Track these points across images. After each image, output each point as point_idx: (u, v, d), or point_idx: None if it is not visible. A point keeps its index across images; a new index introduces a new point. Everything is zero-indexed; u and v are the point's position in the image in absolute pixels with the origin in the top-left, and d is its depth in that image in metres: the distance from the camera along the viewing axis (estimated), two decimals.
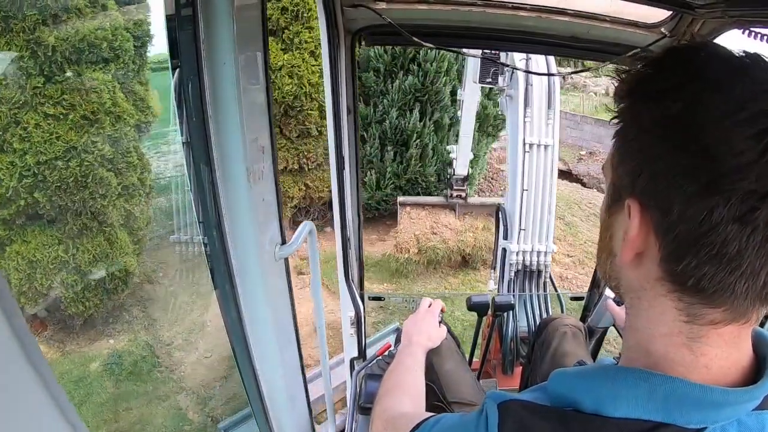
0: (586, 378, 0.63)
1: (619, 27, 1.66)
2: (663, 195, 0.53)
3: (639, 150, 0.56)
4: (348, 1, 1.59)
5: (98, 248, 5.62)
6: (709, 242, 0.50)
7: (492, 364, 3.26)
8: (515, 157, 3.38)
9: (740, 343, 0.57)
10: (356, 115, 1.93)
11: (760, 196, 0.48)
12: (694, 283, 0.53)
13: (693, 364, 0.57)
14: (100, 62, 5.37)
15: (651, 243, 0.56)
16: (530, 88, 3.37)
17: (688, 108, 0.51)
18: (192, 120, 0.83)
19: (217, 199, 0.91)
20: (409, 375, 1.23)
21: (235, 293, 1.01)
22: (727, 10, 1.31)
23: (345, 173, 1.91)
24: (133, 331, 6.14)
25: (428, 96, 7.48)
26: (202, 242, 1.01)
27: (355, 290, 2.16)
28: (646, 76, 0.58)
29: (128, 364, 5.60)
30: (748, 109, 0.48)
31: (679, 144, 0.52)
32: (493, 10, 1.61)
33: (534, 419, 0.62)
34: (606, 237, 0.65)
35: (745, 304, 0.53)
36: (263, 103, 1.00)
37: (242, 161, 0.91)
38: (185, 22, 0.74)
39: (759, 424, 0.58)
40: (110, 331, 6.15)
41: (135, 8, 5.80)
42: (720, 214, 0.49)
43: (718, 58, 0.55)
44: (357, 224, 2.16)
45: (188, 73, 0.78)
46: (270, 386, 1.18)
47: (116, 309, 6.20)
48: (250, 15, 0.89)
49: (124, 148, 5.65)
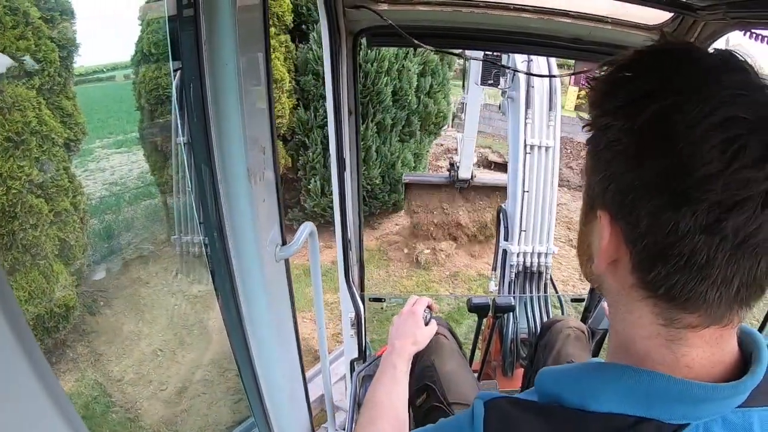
0: (571, 374, 0.64)
1: (620, 29, 1.66)
2: (630, 207, 0.53)
3: (607, 161, 0.56)
4: (350, 3, 1.59)
5: (33, 284, 5.00)
6: (676, 252, 0.51)
7: (492, 365, 3.26)
8: (516, 159, 3.39)
9: (723, 343, 0.58)
10: (357, 116, 1.94)
11: (727, 207, 0.48)
12: (666, 291, 0.54)
13: (675, 363, 0.57)
14: (23, 76, 4.88)
15: (622, 252, 0.57)
16: (531, 89, 3.39)
17: (656, 119, 0.51)
18: (193, 121, 0.82)
19: (217, 199, 0.91)
20: (387, 398, 1.20)
21: (235, 294, 1.01)
22: (729, 11, 1.31)
23: (346, 175, 1.91)
24: (80, 369, 5.60)
25: (369, 97, 7.38)
26: (202, 243, 1.01)
27: (356, 291, 2.16)
28: (615, 83, 0.57)
29: (79, 407, 5.04)
30: (716, 116, 0.48)
31: (645, 156, 0.52)
32: (495, 11, 1.62)
33: (518, 414, 0.63)
34: (584, 244, 0.66)
35: (721, 310, 0.53)
36: (264, 104, 1.00)
37: (243, 162, 0.91)
38: (187, 23, 0.74)
39: (744, 421, 0.58)
40: (55, 371, 5.39)
41: (59, 14, 5.29)
42: (686, 225, 0.49)
43: (687, 62, 0.54)
44: (358, 226, 2.17)
45: (190, 74, 0.78)
46: (270, 387, 1.18)
47: (58, 347, 5.65)
48: (252, 16, 0.89)
49: (54, 171, 5.15)
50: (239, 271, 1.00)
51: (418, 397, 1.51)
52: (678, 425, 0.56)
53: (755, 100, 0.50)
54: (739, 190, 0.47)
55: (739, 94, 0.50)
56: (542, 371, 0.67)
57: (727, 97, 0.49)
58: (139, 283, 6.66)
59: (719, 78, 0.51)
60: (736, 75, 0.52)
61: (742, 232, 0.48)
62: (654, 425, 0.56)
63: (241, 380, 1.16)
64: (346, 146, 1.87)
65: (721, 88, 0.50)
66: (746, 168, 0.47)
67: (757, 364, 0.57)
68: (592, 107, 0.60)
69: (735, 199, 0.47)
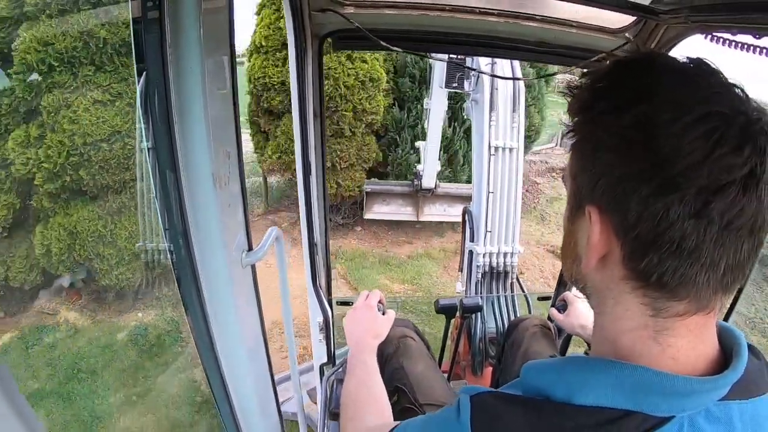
0: (557, 368, 0.65)
1: (585, 32, 1.69)
2: (621, 199, 0.56)
3: (596, 160, 0.59)
4: (316, 6, 1.58)
5: (134, 226, 6.12)
6: (668, 239, 0.53)
7: (462, 365, 3.29)
8: (480, 161, 3.44)
9: (705, 334, 0.60)
10: (323, 120, 1.92)
11: (712, 191, 0.51)
12: (657, 278, 0.56)
13: (660, 356, 0.59)
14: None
15: (613, 245, 0.59)
16: (495, 92, 3.43)
17: (641, 120, 0.54)
18: (157, 125, 0.81)
19: (182, 205, 0.89)
20: (364, 388, 1.20)
21: (201, 302, 0.98)
22: (690, 15, 1.35)
23: (311, 178, 1.90)
24: (161, 307, 6.54)
25: (460, 103, 7.54)
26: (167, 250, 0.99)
27: (323, 295, 2.14)
28: (600, 91, 0.61)
29: (152, 337, 6.08)
30: (696, 112, 0.52)
31: (633, 152, 0.55)
32: (461, 15, 1.63)
33: (506, 408, 0.63)
34: (570, 243, 0.68)
35: (708, 294, 0.56)
36: (230, 108, 0.99)
37: (208, 167, 0.89)
38: (151, 25, 0.73)
39: (725, 414, 0.60)
40: (139, 305, 6.55)
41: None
42: (676, 211, 0.52)
43: (666, 69, 0.58)
44: (324, 229, 2.15)
45: (154, 77, 0.76)
46: (240, 395, 1.16)
47: (147, 285, 6.55)
48: (217, 19, 0.88)
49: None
50: (205, 277, 0.98)
51: (390, 399, 1.51)
52: (663, 418, 0.57)
53: (729, 97, 0.54)
54: (722, 175, 0.51)
55: (714, 92, 0.54)
56: (528, 365, 0.68)
57: (704, 96, 0.53)
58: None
59: (694, 80, 0.56)
60: (709, 77, 0.56)
61: (726, 216, 0.52)
62: (640, 418, 0.57)
63: (210, 387, 1.14)
64: (311, 150, 1.86)
65: (697, 89, 0.54)
66: (727, 155, 0.51)
67: (738, 359, 0.60)
68: (575, 114, 0.63)
69: (719, 184, 0.51)
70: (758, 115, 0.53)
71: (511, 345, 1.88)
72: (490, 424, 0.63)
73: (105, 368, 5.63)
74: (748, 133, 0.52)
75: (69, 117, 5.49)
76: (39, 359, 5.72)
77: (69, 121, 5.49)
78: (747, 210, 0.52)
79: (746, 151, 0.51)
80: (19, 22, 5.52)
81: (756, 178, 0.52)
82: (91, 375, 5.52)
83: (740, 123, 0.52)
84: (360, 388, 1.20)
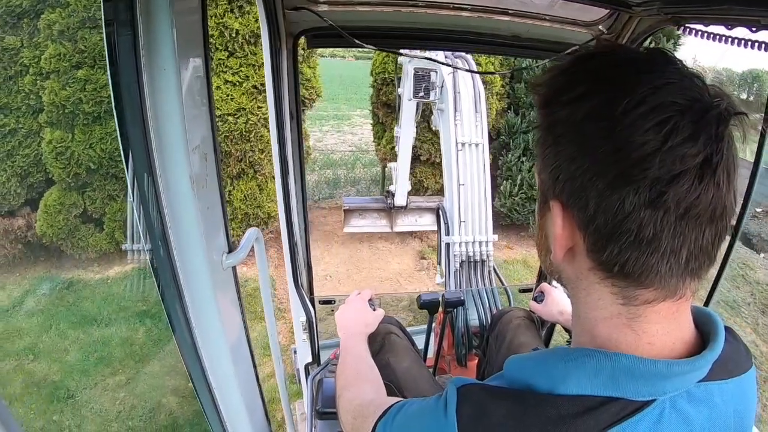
0: (539, 360, 0.66)
1: (558, 26, 1.71)
2: (579, 193, 0.57)
3: (555, 155, 0.60)
4: (289, 4, 1.57)
5: (249, 190, 6.93)
6: (626, 230, 0.55)
7: (446, 360, 3.30)
8: (449, 160, 3.71)
9: (679, 318, 0.61)
10: (299, 120, 1.91)
11: (666, 181, 0.52)
12: (620, 268, 0.57)
13: (636, 342, 0.60)
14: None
15: (577, 238, 0.60)
16: (458, 95, 3.78)
17: (595, 113, 0.56)
18: (132, 127, 0.79)
19: (160, 208, 0.88)
20: (363, 363, 1.25)
21: (183, 305, 0.97)
22: (663, 7, 1.37)
23: (289, 178, 1.89)
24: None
25: (517, 128, 7.64)
26: (146, 253, 0.98)
27: (305, 295, 2.14)
28: (558, 86, 0.62)
29: (251, 288, 6.19)
30: (648, 103, 0.53)
31: (589, 146, 0.56)
32: (434, 10, 1.63)
33: (491, 400, 0.64)
34: (542, 236, 0.70)
35: (673, 281, 0.57)
36: (205, 109, 0.98)
37: (185, 169, 0.88)
38: (124, 26, 0.71)
39: (706, 394, 0.62)
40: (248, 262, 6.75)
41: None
42: (632, 202, 0.53)
43: (622, 61, 0.59)
44: (303, 229, 2.14)
45: (127, 79, 0.75)
46: (225, 398, 1.15)
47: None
48: (190, 19, 0.87)
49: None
50: (186, 281, 0.97)
51: None
52: (644, 401, 0.58)
53: (683, 86, 0.54)
54: (675, 165, 0.51)
55: (668, 82, 0.54)
56: (511, 359, 0.69)
57: (657, 86, 0.54)
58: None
59: (649, 71, 0.56)
60: (664, 67, 0.57)
61: (683, 204, 0.52)
62: (621, 404, 0.58)
63: (195, 392, 1.13)
64: (288, 150, 1.85)
65: (651, 78, 0.55)
66: (680, 145, 0.51)
67: (715, 340, 0.62)
68: (538, 110, 0.64)
69: (672, 174, 0.52)
70: (717, 102, 0.54)
71: (496, 337, 1.90)
72: (476, 416, 0.64)
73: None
74: (703, 121, 0.52)
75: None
76: None
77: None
78: (704, 197, 0.53)
79: (701, 140, 0.52)
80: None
81: (712, 166, 0.52)
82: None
83: (695, 111, 0.52)
84: (360, 363, 1.25)
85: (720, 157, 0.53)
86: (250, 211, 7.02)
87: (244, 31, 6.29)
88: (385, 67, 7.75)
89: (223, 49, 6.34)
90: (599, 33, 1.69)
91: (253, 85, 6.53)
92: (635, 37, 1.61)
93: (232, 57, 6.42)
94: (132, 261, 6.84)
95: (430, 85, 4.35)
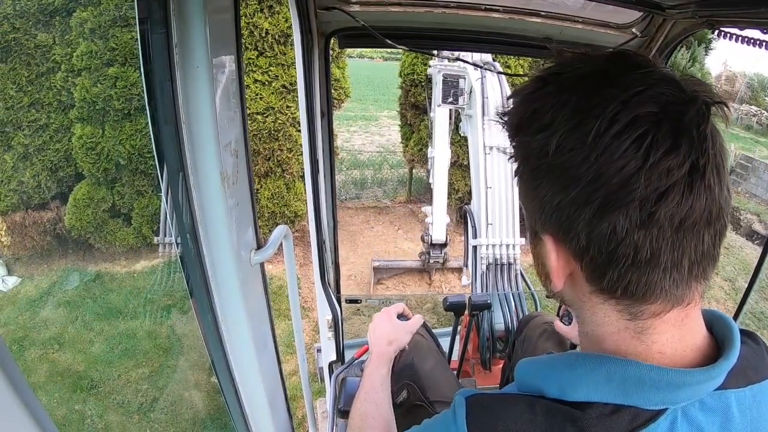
0: (549, 365, 0.65)
1: (591, 28, 1.68)
2: (567, 225, 0.55)
3: (535, 189, 0.58)
4: (321, 4, 1.58)
5: (276, 189, 7.12)
6: (622, 254, 0.53)
7: (471, 363, 3.29)
8: (477, 163, 3.72)
9: (690, 324, 0.59)
10: (330, 119, 1.92)
11: (654, 199, 0.50)
12: (623, 291, 0.56)
13: (647, 352, 0.59)
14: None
15: (574, 266, 0.59)
16: (486, 100, 3.80)
17: (567, 141, 0.53)
18: (165, 124, 0.81)
19: (191, 204, 0.89)
20: (372, 406, 1.22)
21: (211, 300, 0.99)
22: (698, 10, 1.34)
23: (319, 176, 1.90)
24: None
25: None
26: (176, 248, 0.99)
27: (332, 293, 2.15)
28: (522, 114, 0.59)
29: (275, 286, 6.51)
30: (620, 122, 0.50)
31: (567, 176, 0.53)
32: (465, 11, 1.62)
33: (501, 406, 0.63)
34: (538, 265, 0.68)
35: (679, 291, 0.55)
36: (237, 107, 0.99)
37: (216, 166, 0.90)
38: (157, 25, 0.73)
39: (722, 403, 0.59)
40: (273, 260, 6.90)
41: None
42: (623, 227, 0.51)
43: (579, 78, 0.56)
44: (332, 228, 2.16)
45: (160, 77, 0.76)
46: (249, 393, 1.16)
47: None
48: (223, 17, 0.88)
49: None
50: (214, 276, 0.98)
51: (399, 394, 1.51)
52: (656, 411, 0.57)
53: (653, 93, 0.51)
54: (661, 181, 0.49)
55: (638, 92, 0.51)
56: (521, 363, 0.68)
57: (625, 100, 0.51)
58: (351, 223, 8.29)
59: (611, 84, 0.53)
60: (627, 75, 0.53)
61: (677, 217, 0.50)
62: (632, 412, 0.57)
63: (219, 386, 1.15)
64: (319, 148, 1.86)
65: (617, 92, 0.51)
66: (662, 159, 0.49)
67: (730, 347, 0.59)
68: (512, 139, 0.61)
69: (659, 191, 0.49)
70: (694, 95, 0.52)
71: (522, 342, 1.88)
72: (486, 422, 0.63)
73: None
74: (682, 126, 0.50)
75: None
76: None
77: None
78: (697, 205, 0.51)
79: (683, 148, 0.49)
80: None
81: (700, 170, 0.50)
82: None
83: (671, 118, 0.50)
84: (367, 402, 1.22)
85: (706, 158, 0.50)
86: (277, 209, 7.09)
87: (273, 30, 6.37)
88: (413, 68, 7.84)
89: (252, 48, 6.43)
90: (633, 36, 1.66)
91: (282, 84, 6.62)
92: (669, 41, 1.57)
93: (261, 56, 6.53)
94: (162, 255, 6.97)
95: (458, 90, 4.38)
